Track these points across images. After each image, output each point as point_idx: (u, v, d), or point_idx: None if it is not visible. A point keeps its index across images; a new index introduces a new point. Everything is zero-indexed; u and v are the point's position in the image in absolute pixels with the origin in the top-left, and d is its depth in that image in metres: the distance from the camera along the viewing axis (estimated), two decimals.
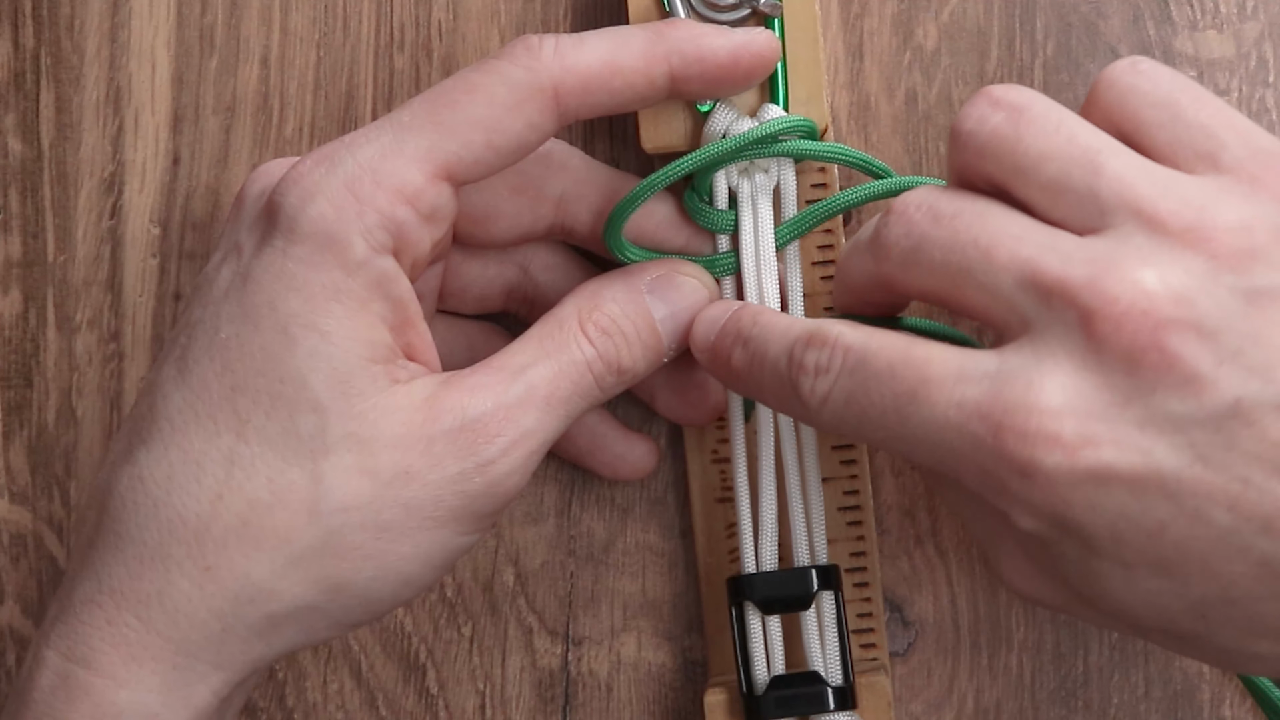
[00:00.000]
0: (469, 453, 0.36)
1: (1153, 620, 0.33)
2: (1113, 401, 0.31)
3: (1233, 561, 0.31)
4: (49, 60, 0.47)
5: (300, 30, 0.46)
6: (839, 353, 0.35)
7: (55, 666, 0.36)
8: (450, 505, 0.36)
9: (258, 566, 0.36)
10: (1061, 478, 0.32)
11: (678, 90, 0.39)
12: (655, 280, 0.40)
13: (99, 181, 0.46)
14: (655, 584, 0.45)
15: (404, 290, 0.37)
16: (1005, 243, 0.33)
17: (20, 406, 0.46)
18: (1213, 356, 0.31)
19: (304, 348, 0.36)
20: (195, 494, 0.36)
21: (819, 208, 0.42)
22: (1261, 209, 0.32)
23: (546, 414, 0.37)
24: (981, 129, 0.34)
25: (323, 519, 0.36)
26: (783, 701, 0.40)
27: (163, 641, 0.36)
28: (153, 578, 0.36)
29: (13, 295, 0.46)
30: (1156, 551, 0.32)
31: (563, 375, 0.38)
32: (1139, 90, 0.34)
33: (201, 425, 0.36)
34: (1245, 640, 0.33)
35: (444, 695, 0.46)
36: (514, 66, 0.37)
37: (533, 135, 0.38)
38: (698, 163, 0.40)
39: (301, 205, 0.36)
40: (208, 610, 0.36)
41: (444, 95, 0.37)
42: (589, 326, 0.39)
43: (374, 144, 0.37)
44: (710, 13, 0.42)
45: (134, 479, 0.37)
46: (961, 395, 0.32)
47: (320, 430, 0.36)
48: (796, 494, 0.41)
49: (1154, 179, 0.33)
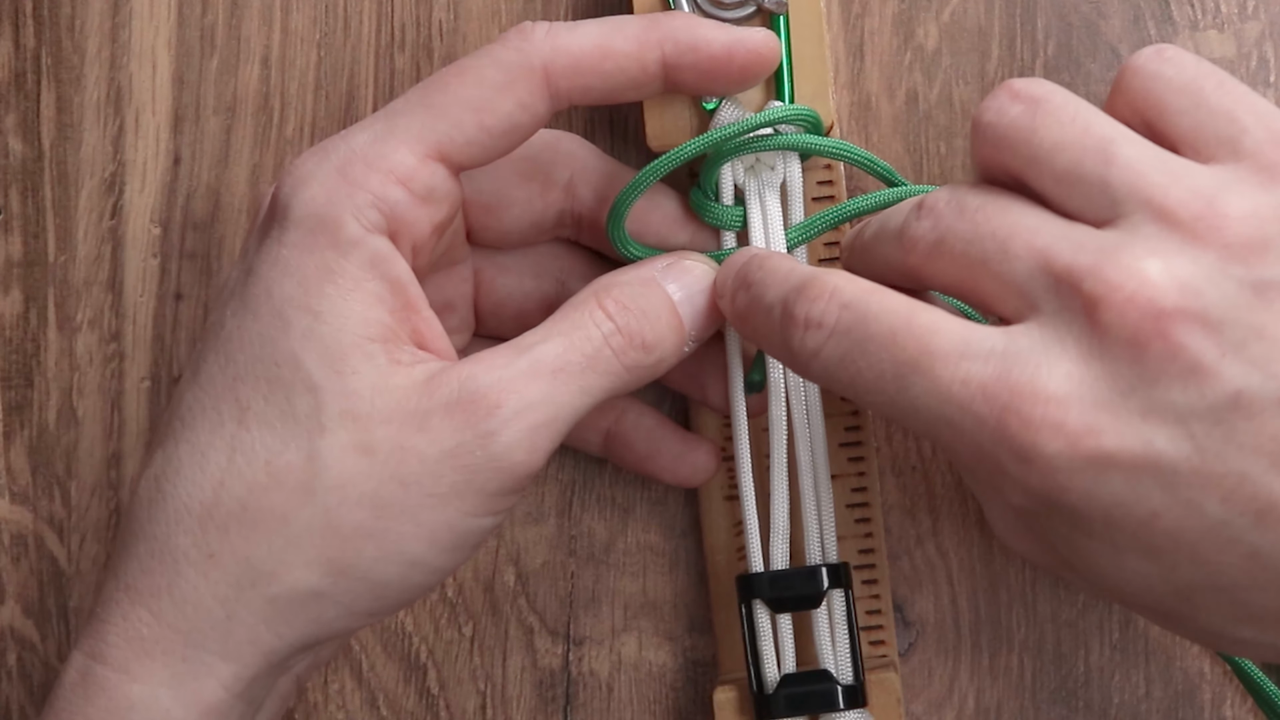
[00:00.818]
0: (467, 425, 0.35)
1: (1137, 598, 0.33)
2: (1116, 390, 0.31)
3: (1223, 552, 0.32)
4: (50, 60, 0.47)
5: (301, 30, 0.46)
6: (834, 308, 0.35)
7: (77, 664, 0.37)
8: (451, 480, 0.36)
9: (257, 549, 0.36)
10: (1061, 465, 0.32)
11: (673, 80, 0.39)
12: (667, 268, 0.40)
13: (100, 181, 0.46)
14: (656, 584, 0.45)
15: (401, 271, 0.37)
16: (1021, 234, 0.33)
17: (21, 406, 0.46)
18: (1216, 348, 0.31)
19: (298, 329, 0.36)
20: (200, 483, 0.36)
21: (831, 214, 0.42)
22: (1275, 197, 0.32)
23: (555, 386, 0.36)
24: (1000, 120, 0.34)
25: (319, 497, 0.35)
26: (793, 700, 0.40)
27: (172, 634, 0.36)
28: (162, 570, 0.36)
29: (13, 295, 0.46)
30: (1148, 538, 0.32)
31: (573, 348, 0.37)
32: (1163, 76, 0.34)
33: (207, 418, 0.36)
34: (1229, 625, 0.33)
35: (445, 695, 0.46)
36: (504, 49, 0.38)
37: (524, 116, 0.38)
38: (702, 147, 0.40)
39: (294, 193, 0.37)
40: (213, 598, 0.36)
41: (436, 80, 0.38)
42: (607, 302, 0.38)
43: (367, 131, 0.37)
44: (716, 10, 0.42)
45: (148, 478, 0.37)
46: (967, 372, 0.32)
47: (316, 409, 0.36)
48: (809, 492, 0.41)
49: (1166, 168, 0.33)
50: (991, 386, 0.32)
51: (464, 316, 0.43)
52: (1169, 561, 0.32)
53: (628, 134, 0.45)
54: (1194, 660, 0.44)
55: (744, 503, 0.42)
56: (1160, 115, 0.34)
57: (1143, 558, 0.32)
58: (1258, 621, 0.33)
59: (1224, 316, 0.31)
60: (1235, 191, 0.32)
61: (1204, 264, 0.32)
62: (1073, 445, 0.31)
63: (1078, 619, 0.44)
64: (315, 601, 0.36)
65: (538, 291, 0.43)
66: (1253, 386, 0.31)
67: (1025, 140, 0.34)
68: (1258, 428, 0.31)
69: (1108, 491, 0.32)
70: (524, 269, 0.43)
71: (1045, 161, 0.34)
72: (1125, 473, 0.31)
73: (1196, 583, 0.32)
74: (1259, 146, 0.33)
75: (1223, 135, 0.33)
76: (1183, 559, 0.32)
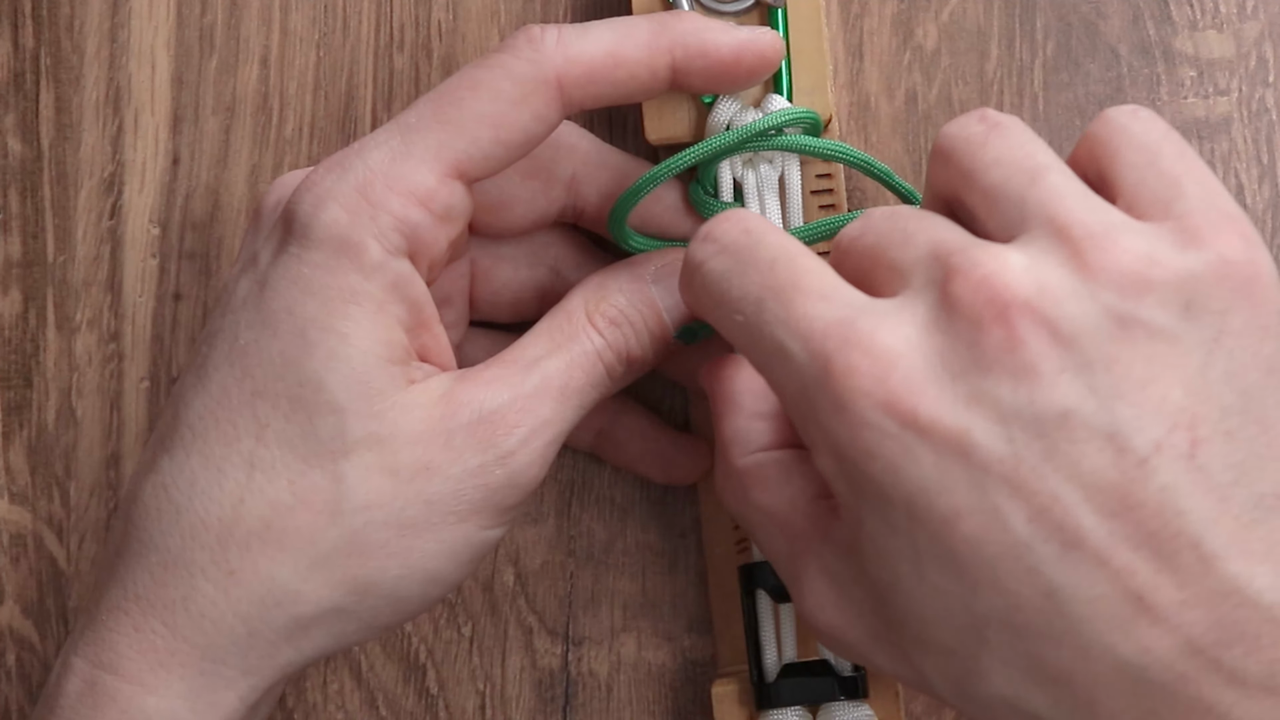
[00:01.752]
0: (489, 445, 0.37)
1: (938, 632, 0.32)
2: (948, 367, 0.31)
3: (1021, 581, 0.30)
4: (49, 60, 0.47)
5: (300, 30, 0.46)
6: (735, 230, 0.35)
7: (82, 673, 0.36)
8: (472, 499, 0.37)
9: (282, 569, 0.36)
10: (872, 420, 0.31)
11: (679, 83, 0.39)
12: (660, 270, 0.40)
13: (99, 182, 0.46)
14: (655, 584, 0.45)
15: (420, 292, 0.37)
16: (928, 232, 0.33)
17: (20, 407, 0.46)
18: (1058, 360, 0.30)
19: (322, 350, 0.36)
20: (217, 498, 0.36)
21: (831, 223, 0.42)
22: (1184, 256, 0.31)
23: (562, 404, 0.38)
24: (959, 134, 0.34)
25: (345, 518, 0.36)
26: (794, 689, 0.41)
27: (189, 647, 0.36)
28: (177, 584, 0.36)
29: (12, 295, 0.46)
30: (948, 542, 0.31)
31: (575, 365, 0.38)
32: (1128, 131, 0.34)
33: (222, 430, 0.36)
34: (1022, 688, 0.31)
35: (444, 695, 0.46)
36: (517, 60, 0.37)
37: (539, 127, 0.38)
38: (701, 155, 0.40)
39: (315, 211, 0.36)
40: (234, 615, 0.36)
41: (449, 93, 0.37)
42: (597, 318, 0.39)
43: (383, 147, 0.37)
44: (715, 4, 0.42)
45: (157, 486, 0.37)
46: (819, 311, 0.32)
47: (339, 431, 0.36)
48: None
49: (1086, 202, 0.32)
50: (833, 328, 0.32)
51: (460, 310, 0.43)
52: (969, 581, 0.31)
53: (626, 127, 0.45)
54: None
55: None
56: (1111, 164, 0.33)
57: (943, 571, 0.31)
58: (1051, 685, 0.31)
59: (1077, 334, 0.31)
60: (1144, 236, 0.32)
61: (1076, 280, 0.31)
62: (888, 402, 0.31)
63: None
64: (337, 618, 0.37)
65: (533, 280, 0.43)
66: (1085, 412, 0.30)
67: (972, 154, 0.34)
68: (1079, 455, 0.30)
69: (914, 472, 0.31)
70: (519, 258, 0.43)
71: (980, 175, 0.33)
72: (935, 453, 0.31)
73: (993, 615, 0.31)
74: (1190, 212, 0.32)
75: (1161, 197, 0.32)
76: (983, 580, 0.31)
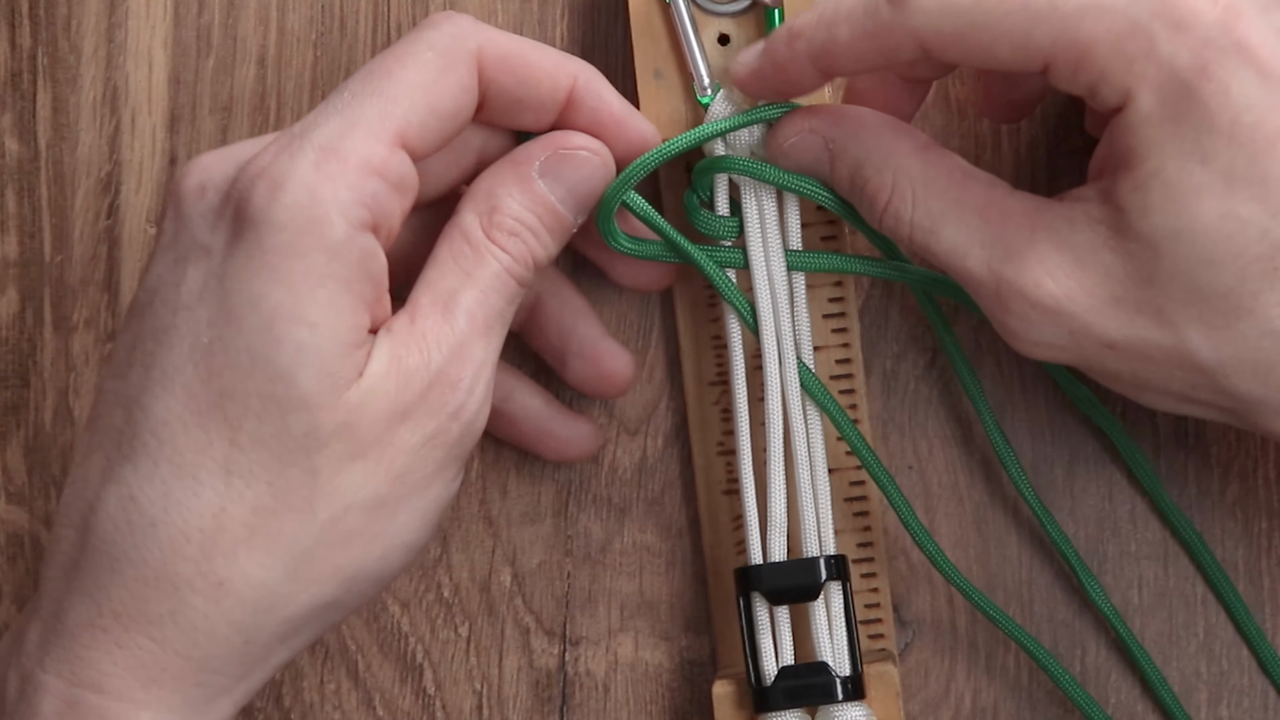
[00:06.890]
0: (440, 406, 0.37)
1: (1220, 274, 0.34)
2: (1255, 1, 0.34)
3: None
4: (46, 60, 0.47)
5: (297, 30, 0.46)
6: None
7: (60, 693, 0.35)
8: (436, 459, 0.37)
9: (271, 573, 0.36)
10: (1213, 38, 0.33)
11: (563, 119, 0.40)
12: (545, 162, 0.39)
13: (96, 181, 0.46)
14: (652, 584, 0.45)
15: (381, 266, 0.37)
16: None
17: (17, 406, 0.46)
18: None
19: (290, 344, 0.35)
20: (196, 509, 0.35)
21: (835, 261, 0.42)
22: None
23: (489, 338, 0.38)
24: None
25: (325, 512, 0.36)
26: (791, 692, 0.41)
27: (182, 661, 0.36)
28: (161, 599, 0.35)
29: (9, 295, 0.46)
30: (1264, 165, 0.33)
31: (489, 291, 0.38)
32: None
33: (192, 437, 0.36)
34: None
35: (441, 695, 0.46)
36: (437, 33, 0.38)
37: (466, 98, 0.38)
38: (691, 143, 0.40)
39: (272, 195, 0.36)
40: (227, 625, 0.36)
41: (377, 69, 0.37)
42: (495, 233, 0.38)
43: (326, 125, 0.37)
44: (711, 5, 0.42)
45: (124, 499, 0.36)
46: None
47: (312, 426, 0.36)
48: (806, 485, 0.41)
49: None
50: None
51: None
52: (1275, 206, 0.33)
53: None
54: (1190, 660, 0.44)
55: (744, 495, 0.42)
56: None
57: (1253, 197, 0.33)
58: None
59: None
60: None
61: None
62: (1225, 22, 0.33)
63: (1074, 619, 0.44)
64: (327, 610, 0.37)
65: (460, 176, 0.42)
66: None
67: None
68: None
69: (1243, 91, 0.33)
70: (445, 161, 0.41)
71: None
72: (1260, 76, 0.33)
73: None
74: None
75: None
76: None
